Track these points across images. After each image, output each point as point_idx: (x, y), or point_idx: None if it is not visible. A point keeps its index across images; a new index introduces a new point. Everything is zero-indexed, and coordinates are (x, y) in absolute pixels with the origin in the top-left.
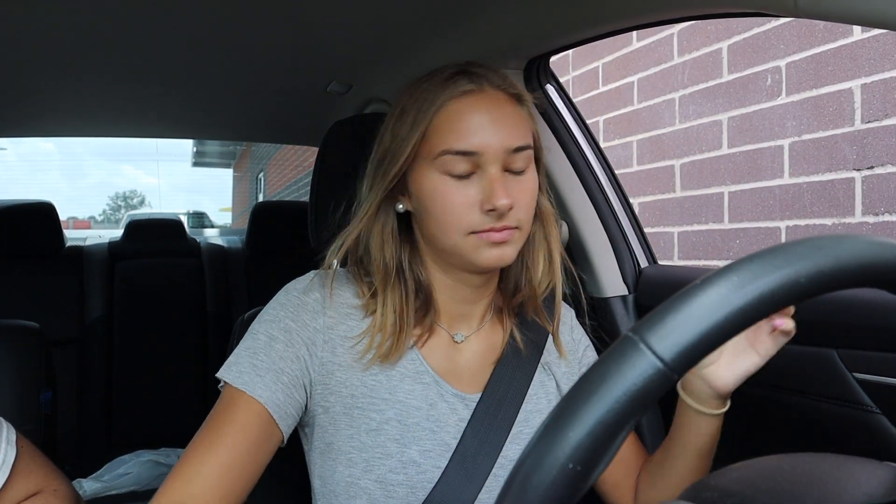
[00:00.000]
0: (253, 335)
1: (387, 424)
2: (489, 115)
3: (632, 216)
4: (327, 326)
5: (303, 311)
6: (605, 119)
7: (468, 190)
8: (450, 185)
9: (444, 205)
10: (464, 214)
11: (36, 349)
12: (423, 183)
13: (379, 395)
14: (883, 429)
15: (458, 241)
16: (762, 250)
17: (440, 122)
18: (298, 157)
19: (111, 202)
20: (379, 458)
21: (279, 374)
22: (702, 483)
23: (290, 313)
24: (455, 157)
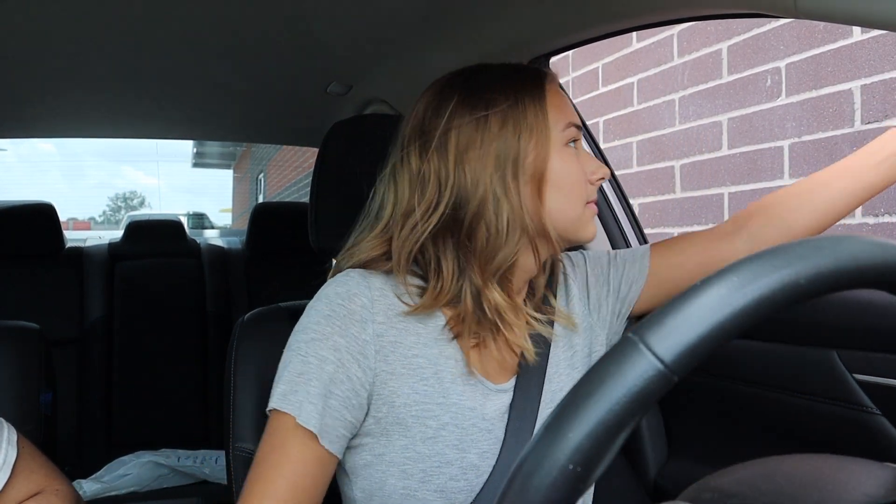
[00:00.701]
0: (303, 359)
1: (444, 430)
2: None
3: (632, 217)
4: (377, 334)
5: (350, 323)
6: (605, 120)
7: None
8: (573, 155)
9: (574, 174)
10: (584, 184)
11: (36, 350)
12: (553, 157)
13: (433, 400)
14: (883, 430)
15: (580, 211)
16: (762, 251)
17: (552, 100)
18: (298, 158)
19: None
20: (438, 467)
21: (328, 399)
22: (702, 484)
23: (337, 328)
24: (574, 129)
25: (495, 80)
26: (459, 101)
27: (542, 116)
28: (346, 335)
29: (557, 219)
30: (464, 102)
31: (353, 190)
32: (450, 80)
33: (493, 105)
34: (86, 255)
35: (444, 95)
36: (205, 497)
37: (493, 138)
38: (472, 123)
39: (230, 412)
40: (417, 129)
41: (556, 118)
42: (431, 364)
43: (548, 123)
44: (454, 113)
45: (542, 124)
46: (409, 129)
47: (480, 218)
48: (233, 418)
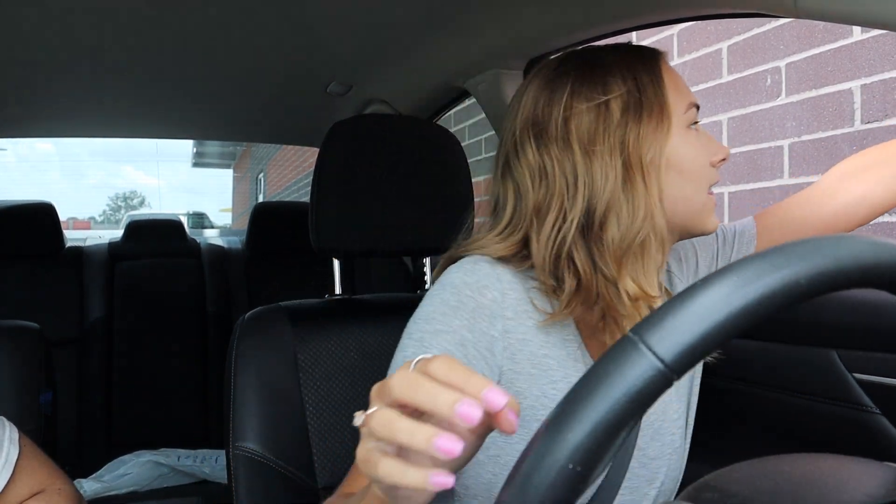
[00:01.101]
0: (426, 350)
1: None
2: None
3: None
4: (506, 331)
5: (479, 317)
6: None
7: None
8: (696, 137)
9: (699, 158)
10: (708, 168)
11: (36, 349)
12: (676, 140)
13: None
14: (883, 429)
15: (704, 199)
16: (762, 251)
17: (668, 81)
18: (298, 158)
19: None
20: None
21: None
22: (702, 483)
23: (465, 322)
24: (695, 109)
25: (610, 62)
26: (574, 87)
27: (662, 98)
28: (474, 330)
29: (683, 207)
30: (579, 88)
31: (353, 190)
32: (559, 65)
33: (612, 89)
34: (86, 255)
35: (555, 82)
36: (205, 496)
37: (616, 125)
38: (593, 111)
39: (230, 412)
40: (530, 120)
41: (676, 99)
42: (561, 367)
43: (669, 105)
44: (570, 100)
45: (664, 107)
46: (521, 121)
47: (611, 210)
48: (233, 418)
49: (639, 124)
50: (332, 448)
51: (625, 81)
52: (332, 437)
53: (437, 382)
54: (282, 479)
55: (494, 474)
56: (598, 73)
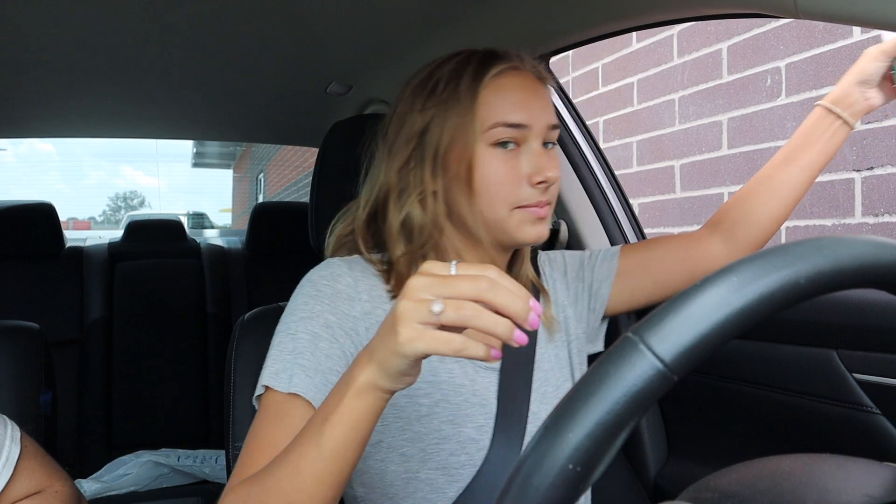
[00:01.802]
0: (292, 336)
1: (437, 407)
2: (532, 91)
3: (631, 217)
4: (366, 312)
5: (339, 301)
6: (605, 119)
7: (516, 162)
8: (500, 157)
9: (495, 177)
10: (513, 187)
11: (36, 349)
12: (470, 157)
13: (423, 378)
14: (883, 429)
15: (504, 215)
16: (762, 251)
17: (487, 96)
18: (298, 158)
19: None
20: (436, 444)
21: (328, 375)
22: (702, 484)
23: (326, 306)
24: (506, 129)
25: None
26: (411, 88)
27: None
28: (336, 312)
29: (478, 219)
30: (413, 90)
31: (353, 189)
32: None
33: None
34: (86, 255)
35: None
36: (205, 496)
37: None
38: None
39: (230, 412)
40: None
41: (486, 114)
42: None
43: (473, 120)
44: (402, 101)
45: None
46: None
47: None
48: (233, 418)
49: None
50: None
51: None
52: None
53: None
54: None
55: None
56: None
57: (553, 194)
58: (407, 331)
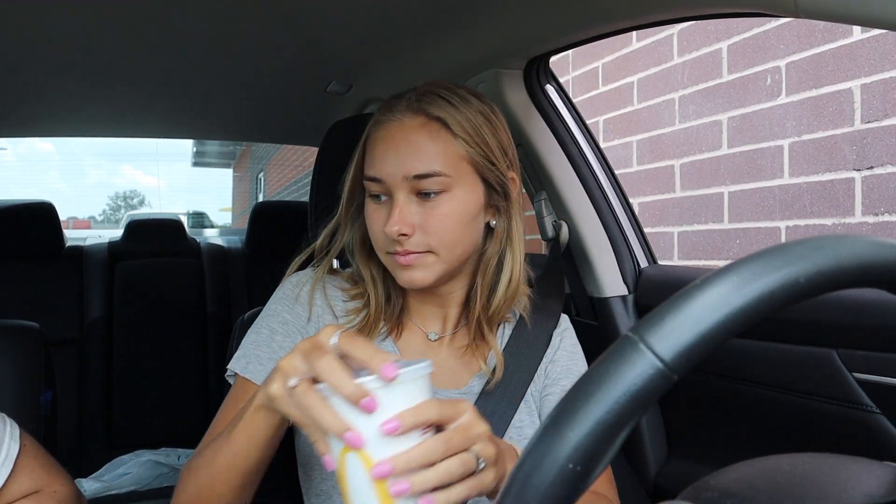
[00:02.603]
0: (257, 329)
1: None
2: (393, 144)
3: (631, 216)
4: (317, 316)
5: (296, 304)
6: (605, 119)
7: (382, 213)
8: (372, 207)
9: (370, 225)
10: (380, 236)
11: (36, 349)
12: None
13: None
14: (883, 429)
15: (384, 258)
16: (762, 250)
17: (366, 149)
18: (298, 157)
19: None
20: None
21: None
22: (702, 483)
23: (286, 306)
24: (370, 182)
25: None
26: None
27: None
28: (293, 313)
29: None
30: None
31: None
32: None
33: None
34: (86, 255)
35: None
36: None
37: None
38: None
39: None
40: None
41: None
42: None
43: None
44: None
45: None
46: None
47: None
48: None
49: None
50: None
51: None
52: None
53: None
54: (280, 478)
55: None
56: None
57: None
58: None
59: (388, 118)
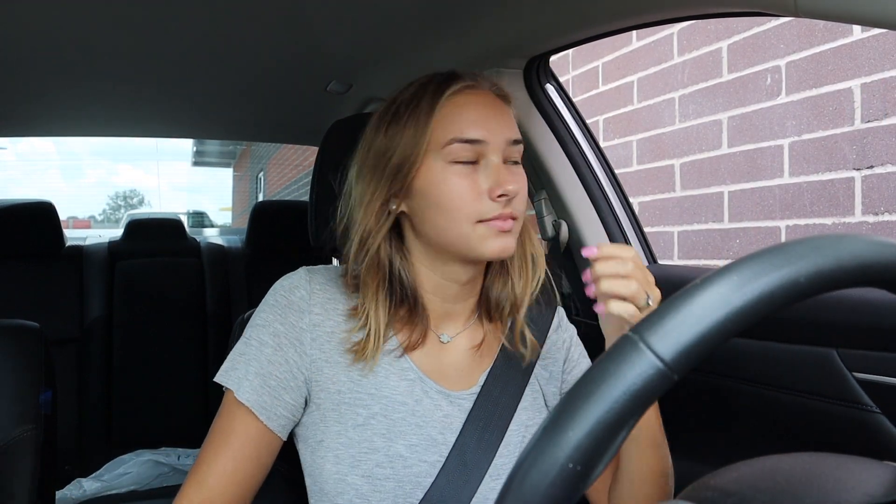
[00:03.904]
0: (246, 340)
1: (373, 419)
2: (490, 108)
3: (632, 216)
4: (314, 324)
5: (289, 312)
6: (605, 119)
7: (475, 178)
8: (458, 173)
9: (455, 193)
10: (473, 202)
11: (36, 349)
12: (430, 175)
13: (365, 390)
14: (883, 428)
15: (467, 230)
16: (762, 250)
17: (444, 114)
18: (298, 157)
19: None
20: (366, 453)
21: (266, 379)
22: (702, 483)
23: (277, 316)
24: (463, 145)
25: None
26: (377, 115)
27: (427, 132)
28: (285, 323)
29: (442, 237)
30: (379, 116)
31: None
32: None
33: (396, 118)
34: (86, 254)
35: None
36: None
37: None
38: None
39: None
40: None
41: (442, 133)
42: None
43: (431, 139)
44: (370, 125)
45: (426, 140)
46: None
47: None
48: None
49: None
50: None
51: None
52: None
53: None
54: (281, 478)
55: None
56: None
57: (517, 208)
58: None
59: (470, 86)
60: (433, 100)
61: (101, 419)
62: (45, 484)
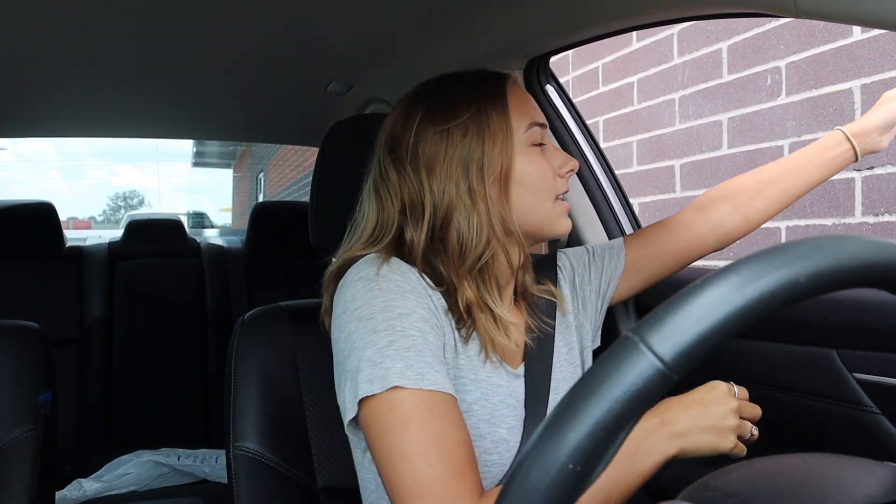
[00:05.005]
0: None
1: (476, 405)
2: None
3: (632, 216)
4: (436, 307)
5: (420, 295)
6: (605, 119)
7: (545, 157)
8: (538, 154)
9: (540, 173)
10: (553, 179)
11: (36, 349)
12: (516, 158)
13: (466, 375)
14: (883, 429)
15: (550, 207)
16: (762, 250)
17: (514, 103)
18: (298, 158)
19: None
20: (473, 440)
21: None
22: (702, 483)
23: (415, 301)
24: (538, 128)
25: (458, 91)
26: (424, 115)
27: (504, 122)
28: (424, 307)
29: (527, 216)
30: (428, 116)
31: (352, 189)
32: (416, 95)
33: (456, 117)
34: (86, 255)
35: (410, 110)
36: (205, 496)
37: (456, 149)
38: (437, 136)
39: (230, 411)
40: (388, 144)
41: (518, 121)
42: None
43: (510, 128)
44: (420, 127)
45: (505, 129)
46: (382, 144)
47: (450, 224)
48: (233, 417)
49: (480, 147)
50: (331, 448)
51: (468, 108)
52: (332, 438)
53: None
54: (282, 479)
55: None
56: (446, 102)
57: None
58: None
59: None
60: (499, 91)
61: (101, 419)
62: (45, 484)
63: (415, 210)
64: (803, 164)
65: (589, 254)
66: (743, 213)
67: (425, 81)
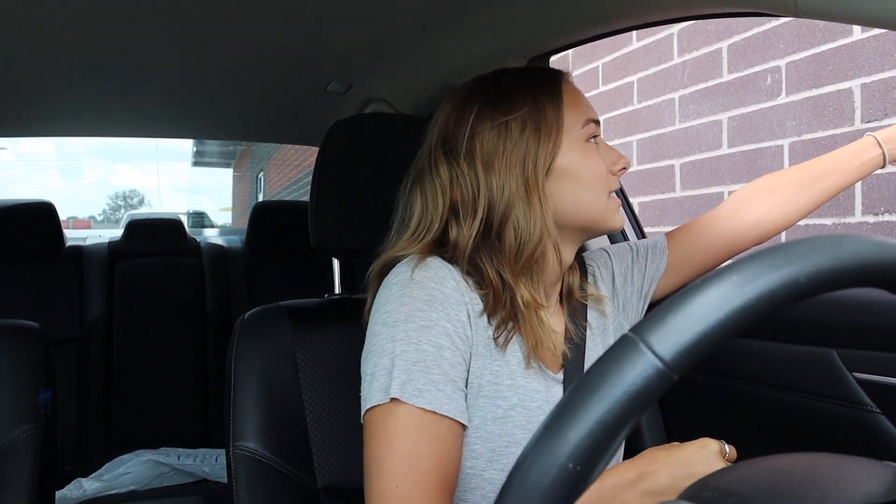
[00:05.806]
0: (416, 346)
1: (512, 411)
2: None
3: (632, 216)
4: (468, 315)
5: (450, 307)
6: (605, 119)
7: (599, 153)
8: (593, 149)
9: (596, 168)
10: (607, 175)
11: (36, 349)
12: (573, 154)
13: (503, 381)
14: (883, 429)
15: (605, 203)
16: (762, 250)
17: (569, 99)
18: (298, 157)
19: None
20: (506, 447)
21: (456, 383)
22: (702, 483)
23: (441, 313)
24: (594, 124)
25: (514, 85)
26: (481, 108)
27: (560, 117)
28: (451, 319)
29: (584, 212)
30: (485, 110)
31: (353, 188)
32: (471, 88)
33: (513, 111)
34: (86, 254)
35: (466, 103)
36: (205, 496)
37: (515, 143)
38: (494, 130)
39: (230, 411)
40: (442, 137)
41: (574, 117)
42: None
43: (567, 123)
44: (476, 121)
45: (561, 126)
46: (435, 137)
47: (507, 220)
48: (233, 417)
49: (537, 142)
50: (331, 447)
51: (525, 103)
52: (332, 437)
53: None
54: (282, 479)
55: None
56: (503, 96)
57: None
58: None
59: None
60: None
61: (101, 419)
62: (45, 484)
63: (465, 206)
64: (840, 166)
65: (633, 252)
66: (784, 210)
67: (479, 77)
